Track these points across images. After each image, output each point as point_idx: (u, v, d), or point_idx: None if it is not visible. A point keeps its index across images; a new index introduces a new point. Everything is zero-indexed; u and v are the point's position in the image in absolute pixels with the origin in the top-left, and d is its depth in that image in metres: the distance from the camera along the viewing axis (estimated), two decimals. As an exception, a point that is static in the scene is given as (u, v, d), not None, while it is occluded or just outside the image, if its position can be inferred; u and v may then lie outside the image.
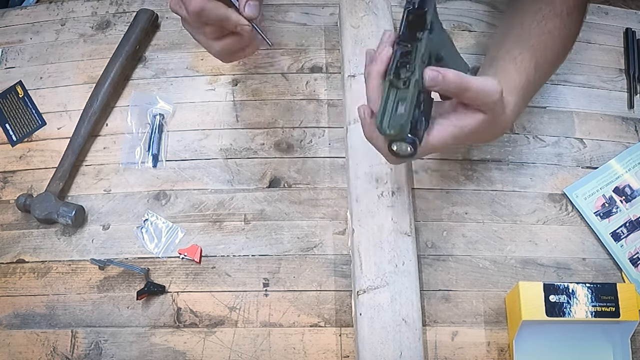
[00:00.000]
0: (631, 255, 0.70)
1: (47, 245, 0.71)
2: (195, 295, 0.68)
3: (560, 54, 0.68)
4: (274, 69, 0.80)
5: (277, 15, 0.84)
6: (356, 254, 0.64)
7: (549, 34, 0.64)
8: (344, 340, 0.65)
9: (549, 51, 0.65)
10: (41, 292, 0.69)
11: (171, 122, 0.78)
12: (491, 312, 0.67)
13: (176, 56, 0.82)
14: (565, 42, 0.67)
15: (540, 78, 0.65)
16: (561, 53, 0.68)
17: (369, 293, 0.62)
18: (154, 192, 0.73)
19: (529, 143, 0.76)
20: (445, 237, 0.71)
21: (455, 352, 0.65)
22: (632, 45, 0.83)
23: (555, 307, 0.61)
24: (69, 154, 0.74)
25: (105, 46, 0.82)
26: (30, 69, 0.82)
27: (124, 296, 0.68)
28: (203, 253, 0.70)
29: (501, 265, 0.70)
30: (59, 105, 0.79)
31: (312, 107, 0.78)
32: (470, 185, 0.74)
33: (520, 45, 0.64)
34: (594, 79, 0.81)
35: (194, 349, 0.65)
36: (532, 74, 0.62)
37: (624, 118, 0.79)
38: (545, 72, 0.66)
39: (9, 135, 0.78)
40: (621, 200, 0.73)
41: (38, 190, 0.74)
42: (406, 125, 0.51)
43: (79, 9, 0.86)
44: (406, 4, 0.55)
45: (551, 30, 0.64)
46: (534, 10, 0.65)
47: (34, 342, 0.66)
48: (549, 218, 0.72)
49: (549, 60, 0.65)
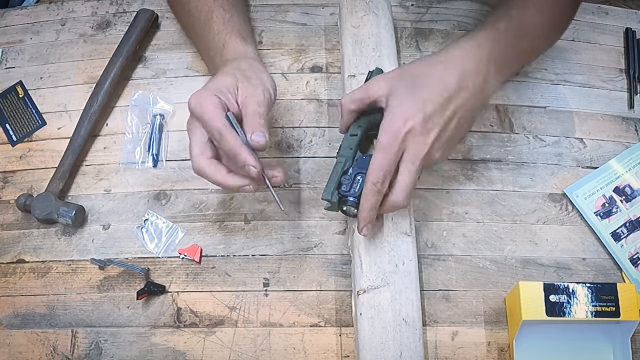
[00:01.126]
0: (631, 255, 0.70)
1: (47, 245, 0.71)
2: (196, 295, 0.68)
3: (548, 23, 0.68)
4: (274, 69, 0.80)
5: (277, 15, 0.84)
6: (356, 254, 0.64)
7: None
8: (344, 340, 0.65)
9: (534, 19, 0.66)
10: (41, 292, 0.69)
11: (171, 122, 0.78)
12: (491, 312, 0.67)
13: (176, 56, 0.82)
14: (552, 12, 0.67)
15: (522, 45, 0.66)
16: (549, 22, 0.68)
17: (369, 293, 0.62)
18: (154, 192, 0.73)
19: (529, 143, 0.76)
20: (445, 237, 0.71)
21: (455, 352, 0.65)
22: (632, 45, 0.83)
23: (555, 307, 0.61)
24: (69, 154, 0.74)
25: (105, 46, 0.82)
26: (30, 69, 0.82)
27: (124, 296, 0.68)
28: (203, 253, 0.70)
29: (501, 265, 0.70)
30: (59, 105, 0.79)
31: (312, 107, 0.78)
32: (470, 185, 0.74)
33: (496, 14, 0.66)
34: (594, 79, 0.81)
35: (194, 349, 0.65)
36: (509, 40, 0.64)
37: (624, 118, 0.79)
38: (531, 41, 0.67)
39: (9, 135, 0.78)
40: (621, 200, 0.73)
41: (38, 190, 0.74)
42: (327, 194, 0.61)
43: (79, 9, 0.86)
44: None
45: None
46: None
47: (34, 342, 0.66)
48: (549, 218, 0.72)
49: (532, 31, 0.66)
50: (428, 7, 0.85)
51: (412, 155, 0.58)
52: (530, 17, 0.65)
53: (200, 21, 0.72)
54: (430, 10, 0.85)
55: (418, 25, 0.84)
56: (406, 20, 0.84)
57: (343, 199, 0.61)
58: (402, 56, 0.81)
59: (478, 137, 0.76)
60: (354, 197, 0.61)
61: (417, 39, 0.83)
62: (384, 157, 0.58)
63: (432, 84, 0.60)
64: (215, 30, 0.70)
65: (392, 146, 0.58)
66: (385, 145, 0.58)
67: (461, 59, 0.61)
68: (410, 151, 0.58)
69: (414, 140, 0.58)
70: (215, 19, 0.71)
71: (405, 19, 0.84)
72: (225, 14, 0.71)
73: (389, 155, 0.58)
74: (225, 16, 0.71)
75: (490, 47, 0.62)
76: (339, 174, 0.62)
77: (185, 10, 0.76)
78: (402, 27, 0.84)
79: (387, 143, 0.58)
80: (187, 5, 0.75)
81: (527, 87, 0.80)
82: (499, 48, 0.63)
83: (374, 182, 0.58)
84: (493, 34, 0.64)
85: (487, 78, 0.62)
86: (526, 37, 0.66)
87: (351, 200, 0.61)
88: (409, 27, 0.84)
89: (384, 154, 0.58)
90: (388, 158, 0.58)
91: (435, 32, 0.83)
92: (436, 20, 0.84)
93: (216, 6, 0.72)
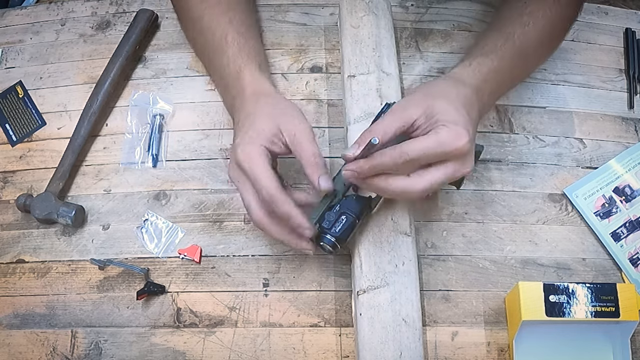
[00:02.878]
0: (631, 255, 0.70)
1: (47, 245, 0.71)
2: (195, 295, 0.68)
3: (545, 40, 0.68)
4: (274, 69, 0.80)
5: (277, 15, 0.84)
6: (356, 254, 0.64)
7: (530, 15, 0.65)
8: (344, 340, 0.65)
9: (530, 37, 0.65)
10: (41, 292, 0.69)
11: (171, 122, 0.78)
12: (491, 312, 0.67)
13: (176, 56, 0.82)
14: (551, 27, 0.67)
15: (518, 65, 0.66)
16: (547, 39, 0.68)
17: (369, 293, 0.62)
18: (154, 192, 0.73)
19: (529, 143, 0.76)
20: (445, 237, 0.71)
21: (455, 352, 0.65)
22: (632, 45, 0.83)
23: (555, 307, 0.61)
24: (69, 154, 0.74)
25: (105, 46, 0.82)
26: (30, 69, 0.82)
27: (124, 296, 0.68)
28: (203, 253, 0.70)
29: (501, 265, 0.70)
30: (59, 105, 0.79)
31: (312, 107, 0.78)
32: (470, 185, 0.74)
33: (494, 34, 0.66)
34: (594, 79, 0.81)
35: (194, 349, 0.65)
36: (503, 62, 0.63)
37: (624, 118, 0.79)
38: (526, 59, 0.67)
39: (9, 135, 0.78)
40: (621, 200, 0.73)
41: (38, 190, 0.74)
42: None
43: (79, 9, 0.86)
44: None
45: (533, 11, 0.65)
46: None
47: (34, 342, 0.66)
48: (549, 218, 0.72)
49: (529, 47, 0.66)
50: (428, 7, 0.85)
51: (458, 168, 0.55)
52: (530, 35, 0.65)
53: (214, 43, 0.69)
54: (430, 10, 0.85)
55: (418, 26, 0.84)
56: (406, 20, 0.84)
57: (321, 235, 0.60)
58: (402, 56, 0.81)
59: (478, 137, 0.76)
60: (333, 236, 0.60)
61: (417, 39, 0.83)
62: (433, 149, 0.53)
63: (463, 103, 0.58)
64: (230, 56, 0.67)
65: (448, 148, 0.53)
66: (444, 142, 0.53)
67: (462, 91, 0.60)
68: (458, 164, 0.55)
69: (466, 159, 0.55)
70: (231, 42, 0.68)
71: (405, 19, 0.84)
72: (240, 38, 0.68)
73: (438, 151, 0.53)
74: (240, 41, 0.68)
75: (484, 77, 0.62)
76: (324, 208, 0.61)
77: (196, 28, 0.72)
78: (402, 27, 0.84)
79: (446, 141, 0.53)
80: (199, 23, 0.71)
81: (527, 87, 0.80)
82: (498, 76, 0.63)
83: (404, 155, 0.52)
84: (489, 61, 0.63)
85: (482, 107, 0.62)
86: (524, 59, 0.66)
87: (328, 239, 0.60)
88: (409, 27, 0.84)
89: (436, 147, 0.53)
90: (436, 152, 0.53)
91: (435, 32, 0.83)
92: (436, 20, 0.84)
93: (232, 29, 0.68)
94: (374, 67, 0.72)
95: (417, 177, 0.55)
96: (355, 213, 0.60)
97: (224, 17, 0.69)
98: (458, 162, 0.55)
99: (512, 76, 0.67)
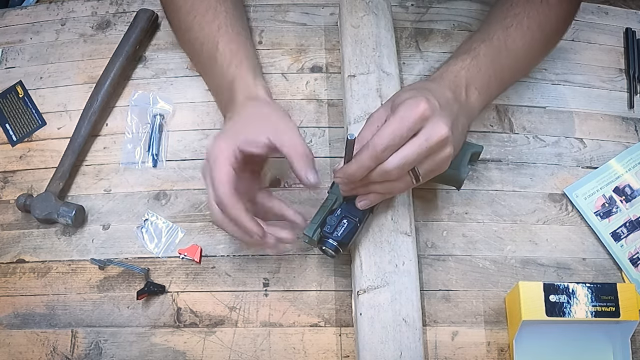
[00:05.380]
0: (631, 255, 0.70)
1: (47, 245, 0.71)
2: (195, 295, 0.68)
3: (535, 40, 0.68)
4: (274, 69, 0.80)
5: (277, 15, 0.84)
6: (356, 253, 0.64)
7: (514, 17, 0.67)
8: (344, 340, 0.65)
9: (514, 37, 0.66)
10: (41, 292, 0.69)
11: (171, 122, 0.78)
12: (491, 312, 0.67)
13: (176, 56, 0.82)
14: (540, 28, 0.68)
15: (505, 65, 0.67)
16: (536, 39, 0.68)
17: (369, 293, 0.62)
18: (154, 192, 0.73)
19: (529, 143, 0.76)
20: (445, 237, 0.71)
21: (455, 352, 0.65)
22: (632, 45, 0.83)
23: (555, 307, 0.61)
24: (69, 154, 0.74)
25: (105, 46, 0.82)
26: (30, 69, 0.82)
27: (124, 296, 0.68)
28: (203, 253, 0.70)
29: (501, 265, 0.70)
30: (59, 105, 0.79)
31: (312, 107, 0.78)
32: (470, 185, 0.74)
33: (475, 36, 0.68)
34: (594, 79, 0.81)
35: (194, 349, 0.65)
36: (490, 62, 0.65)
37: (624, 118, 0.79)
38: (515, 59, 0.68)
39: (9, 135, 0.78)
40: (621, 200, 0.73)
41: (38, 190, 0.74)
42: (310, 230, 0.61)
43: (79, 9, 0.86)
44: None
45: (518, 13, 0.67)
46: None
47: (34, 342, 0.66)
48: (549, 218, 0.72)
49: (516, 47, 0.67)
50: (428, 7, 0.85)
51: (428, 134, 0.54)
52: (514, 36, 0.66)
53: (205, 53, 0.70)
54: (430, 10, 0.85)
55: (418, 25, 0.84)
56: (406, 20, 0.84)
57: (323, 239, 0.61)
58: (402, 56, 0.81)
59: (478, 137, 0.76)
60: (335, 240, 0.60)
61: (417, 39, 0.83)
62: (398, 128, 0.53)
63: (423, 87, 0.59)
64: (222, 64, 0.68)
65: (409, 119, 0.53)
66: (403, 115, 0.53)
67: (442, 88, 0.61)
68: (427, 130, 0.54)
69: (434, 121, 0.54)
70: (222, 50, 0.68)
71: (405, 19, 0.84)
72: (231, 45, 0.69)
73: (403, 126, 0.53)
74: (232, 48, 0.69)
75: (467, 74, 0.63)
76: (325, 212, 0.62)
77: (186, 39, 0.74)
78: (402, 27, 0.84)
79: (405, 114, 0.53)
80: (187, 34, 0.72)
81: (527, 87, 0.80)
82: (480, 74, 0.64)
83: (376, 146, 0.53)
84: (460, 62, 0.64)
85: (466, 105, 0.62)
86: (508, 59, 0.67)
87: (330, 244, 0.61)
88: (409, 27, 0.84)
89: (399, 124, 0.53)
90: (401, 129, 0.53)
91: (435, 32, 0.83)
92: (436, 20, 0.84)
93: (221, 36, 0.69)
94: (374, 67, 0.73)
95: (390, 158, 0.54)
96: (356, 217, 0.61)
97: (213, 25, 0.70)
98: (426, 130, 0.54)
99: (498, 75, 0.67)
